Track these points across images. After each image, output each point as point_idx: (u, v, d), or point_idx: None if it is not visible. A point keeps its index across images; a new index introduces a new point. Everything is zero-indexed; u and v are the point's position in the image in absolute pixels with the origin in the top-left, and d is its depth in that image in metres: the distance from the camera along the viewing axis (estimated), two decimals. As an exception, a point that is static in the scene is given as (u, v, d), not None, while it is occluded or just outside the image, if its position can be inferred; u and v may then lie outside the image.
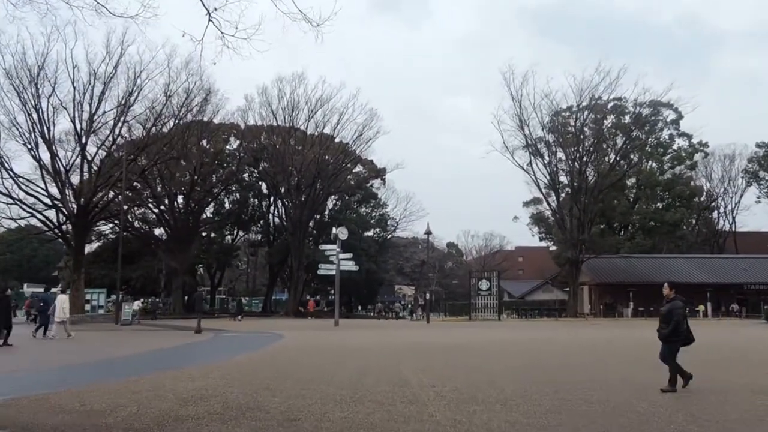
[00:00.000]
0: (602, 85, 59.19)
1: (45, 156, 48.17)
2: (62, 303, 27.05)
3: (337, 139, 71.56)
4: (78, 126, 48.22)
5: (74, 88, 47.41)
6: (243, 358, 17.34)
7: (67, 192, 48.27)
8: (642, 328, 35.42)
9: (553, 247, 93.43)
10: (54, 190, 48.65)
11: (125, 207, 70.84)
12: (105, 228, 72.80)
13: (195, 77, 52.52)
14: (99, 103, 48.27)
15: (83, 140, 48.28)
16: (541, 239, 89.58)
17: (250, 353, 18.97)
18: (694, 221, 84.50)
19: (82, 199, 48.48)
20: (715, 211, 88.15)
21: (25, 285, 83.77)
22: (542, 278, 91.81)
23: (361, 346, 21.76)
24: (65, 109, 47.46)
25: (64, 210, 48.68)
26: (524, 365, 15.38)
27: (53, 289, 38.81)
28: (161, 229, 71.99)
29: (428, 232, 50.32)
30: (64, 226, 50.56)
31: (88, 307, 58.64)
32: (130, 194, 67.39)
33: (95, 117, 48.17)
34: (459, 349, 20.54)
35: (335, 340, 25.28)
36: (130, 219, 72.65)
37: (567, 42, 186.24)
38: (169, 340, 26.81)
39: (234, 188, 79.70)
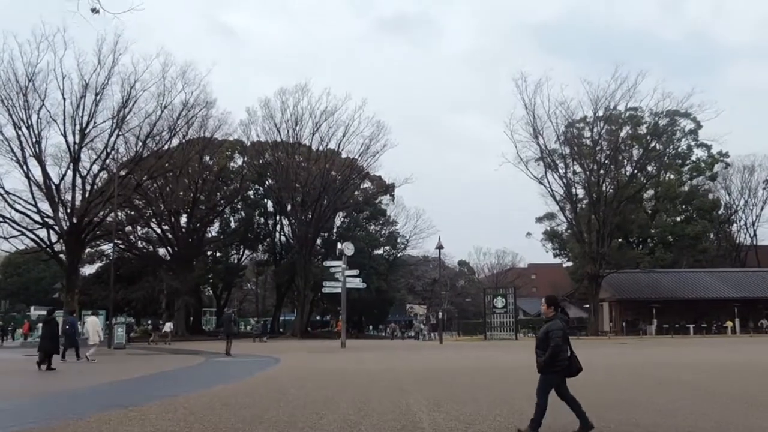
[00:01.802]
0: (619, 92, 56.68)
1: (36, 171, 46.11)
2: (95, 325, 27.33)
3: (343, 154, 69.45)
4: (70, 139, 46.11)
5: (64, 99, 45.38)
6: (221, 389, 14.69)
7: (59, 209, 45.90)
8: (680, 348, 32.70)
9: (568, 264, 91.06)
10: (45, 206, 46.47)
11: (128, 227, 69.34)
12: (106, 248, 70.90)
13: (192, 87, 50.39)
14: (91, 115, 46.14)
15: (75, 154, 46.00)
16: (555, 255, 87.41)
17: (234, 383, 16.31)
18: (711, 235, 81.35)
19: (75, 217, 46.15)
20: (734, 224, 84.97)
21: (32, 308, 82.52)
22: (557, 295, 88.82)
23: (364, 372, 19.11)
24: (54, 121, 45.35)
25: (56, 228, 46.34)
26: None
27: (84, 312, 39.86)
28: (165, 248, 69.70)
29: (440, 246, 47.46)
30: (57, 245, 48.28)
31: (85, 329, 56.64)
32: (132, 213, 65.52)
33: (87, 130, 45.99)
34: (479, 374, 17.80)
35: (337, 365, 22.60)
36: (132, 239, 70.64)
37: (574, 57, 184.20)
38: (153, 365, 24.21)
39: (239, 206, 77.80)
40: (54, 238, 47.95)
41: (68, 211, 46.63)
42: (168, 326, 54.01)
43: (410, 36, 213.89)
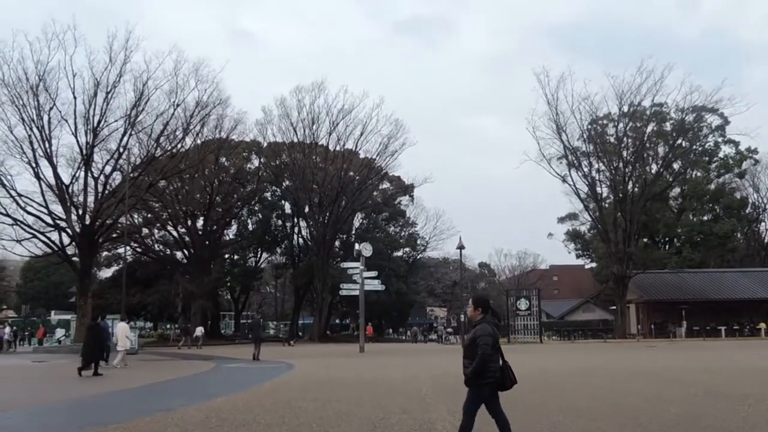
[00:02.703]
0: (645, 86, 54.81)
1: (47, 172, 45.10)
2: (125, 331, 26.82)
3: (361, 153, 68.16)
4: (81, 139, 45.04)
5: (75, 98, 44.28)
6: (223, 402, 13.27)
7: (71, 211, 44.78)
8: (717, 351, 31.00)
9: (591, 265, 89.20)
10: (57, 209, 45.36)
11: (145, 230, 68.35)
12: (123, 251, 69.96)
13: (205, 84, 49.22)
14: (103, 114, 45.02)
15: (87, 155, 44.87)
16: (578, 256, 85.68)
17: (239, 393, 14.90)
18: (738, 234, 78.90)
19: (88, 218, 45.02)
20: (762, 223, 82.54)
21: (52, 312, 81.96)
22: (579, 297, 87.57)
23: (384, 381, 17.58)
24: (66, 121, 44.25)
25: (68, 231, 45.22)
26: (627, 421, 11.02)
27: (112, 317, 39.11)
28: (181, 251, 68.63)
29: (461, 247, 45.73)
30: (69, 248, 47.23)
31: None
32: (148, 215, 64.52)
33: (99, 129, 44.85)
34: None
35: (354, 372, 21.09)
36: (149, 242, 69.69)
37: (592, 58, 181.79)
38: (160, 373, 22.95)
39: (256, 208, 76.62)
40: (66, 241, 46.88)
41: (80, 213, 45.47)
42: (199, 330, 53.72)
43: (426, 38, 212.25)
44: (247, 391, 15.32)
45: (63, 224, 45.28)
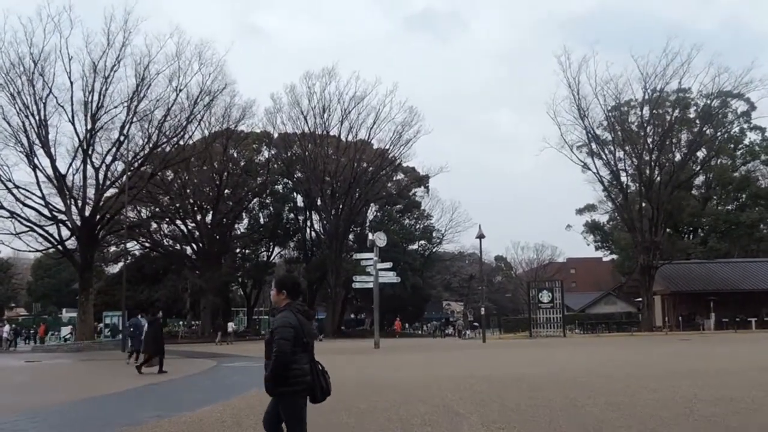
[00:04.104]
0: (671, 68, 52.40)
1: (45, 162, 43.23)
2: None
3: (374, 143, 66.16)
4: (80, 128, 43.08)
5: (72, 83, 42.28)
6: (207, 412, 10.96)
7: (68, 202, 42.75)
8: (759, 345, 28.68)
9: (609, 257, 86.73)
10: (56, 201, 43.47)
11: (153, 225, 66.43)
12: (131, 245, 68.25)
13: (209, 68, 47.22)
14: (101, 100, 42.97)
15: (86, 143, 42.88)
16: (596, 248, 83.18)
17: (230, 400, 12.57)
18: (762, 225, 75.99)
19: (88, 210, 43.06)
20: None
21: (63, 310, 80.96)
22: (597, 290, 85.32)
23: (401, 383, 15.24)
24: (62, 107, 42.30)
25: (68, 223, 43.26)
26: None
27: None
28: (190, 246, 66.65)
29: (480, 236, 43.28)
30: (70, 242, 45.32)
31: (107, 332, 53.94)
32: (156, 209, 62.62)
33: (98, 116, 42.81)
34: (550, 386, 13.63)
35: (367, 371, 18.78)
36: (157, 237, 67.80)
37: (606, 51, 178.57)
38: (150, 374, 20.94)
39: (268, 201, 74.74)
40: (66, 234, 44.99)
41: (80, 205, 43.49)
42: (230, 326, 53.32)
43: (438, 32, 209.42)
44: (240, 397, 13.00)
45: (62, 217, 43.31)
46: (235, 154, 66.70)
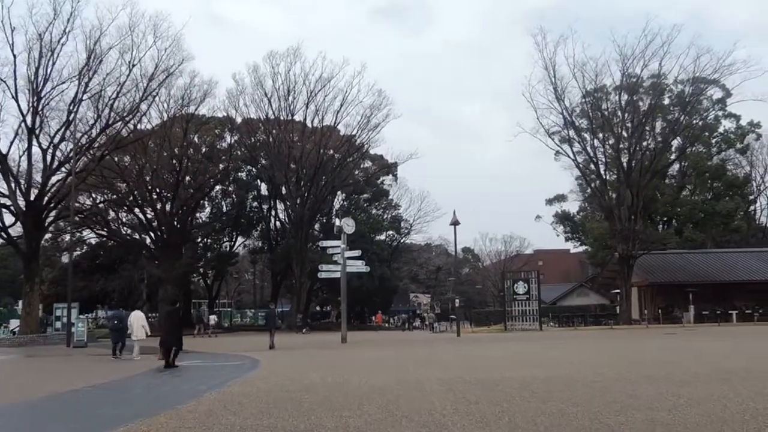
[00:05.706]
0: (650, 50, 50.63)
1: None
2: (141, 321, 24.93)
3: (341, 128, 63.66)
4: (23, 105, 40.00)
5: (15, 56, 39.18)
6: (133, 430, 8.47)
7: (12, 185, 39.58)
8: (750, 340, 26.80)
9: (580, 248, 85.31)
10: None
11: (111, 213, 63.26)
12: (86, 234, 65.02)
13: (165, 42, 44.38)
14: (47, 74, 39.95)
15: (30, 121, 39.71)
16: (567, 239, 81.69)
17: (159, 415, 9.49)
18: (742, 213, 74.78)
19: (34, 193, 39.96)
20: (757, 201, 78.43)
21: (19, 302, 77.24)
22: (565, 282, 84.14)
23: (376, 389, 12.46)
24: (4, 82, 39.16)
25: (12, 208, 40.09)
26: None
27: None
28: (149, 235, 63.46)
29: (455, 222, 40.84)
30: (14, 229, 42.18)
31: (58, 324, 50.98)
32: (113, 196, 59.46)
33: (43, 93, 39.72)
34: (561, 394, 10.94)
35: (335, 374, 15.88)
36: (114, 226, 64.55)
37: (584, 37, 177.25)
38: (87, 374, 18.29)
39: (230, 188, 71.94)
40: (11, 221, 41.76)
41: (24, 187, 40.32)
42: (212, 318, 52.62)
43: (405, 23, 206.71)
44: (177, 410, 10.03)
45: (6, 201, 40.19)
46: (196, 139, 63.85)
